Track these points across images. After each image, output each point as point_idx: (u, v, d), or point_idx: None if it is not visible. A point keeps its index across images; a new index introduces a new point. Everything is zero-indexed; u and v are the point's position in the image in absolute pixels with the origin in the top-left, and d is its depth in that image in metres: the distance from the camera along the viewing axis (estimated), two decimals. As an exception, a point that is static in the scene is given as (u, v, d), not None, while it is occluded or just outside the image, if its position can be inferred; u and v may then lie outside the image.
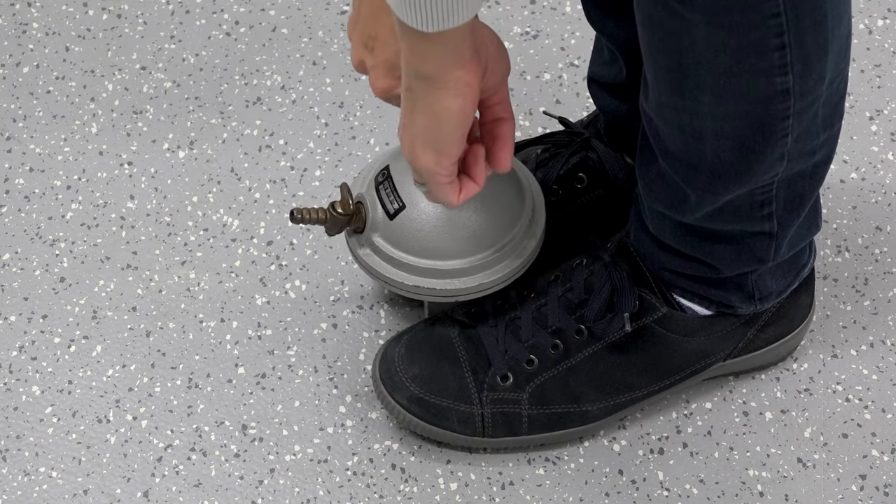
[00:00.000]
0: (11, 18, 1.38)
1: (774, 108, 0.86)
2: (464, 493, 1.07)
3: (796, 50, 0.83)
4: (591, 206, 1.15)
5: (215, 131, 1.29)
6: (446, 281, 1.02)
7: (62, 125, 1.30)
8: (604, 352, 1.05)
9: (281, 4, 1.40)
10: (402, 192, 1.01)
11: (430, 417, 1.05)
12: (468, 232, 1.01)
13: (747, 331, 1.08)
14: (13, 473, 1.08)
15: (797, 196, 0.96)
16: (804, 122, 0.88)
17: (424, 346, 1.07)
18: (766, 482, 1.08)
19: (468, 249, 1.02)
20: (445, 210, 1.00)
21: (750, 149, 0.89)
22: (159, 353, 1.15)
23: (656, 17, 0.84)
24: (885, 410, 1.12)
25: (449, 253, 1.02)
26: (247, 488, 1.07)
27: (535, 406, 1.05)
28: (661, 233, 1.01)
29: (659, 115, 0.92)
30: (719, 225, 0.98)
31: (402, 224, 1.01)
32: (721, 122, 0.88)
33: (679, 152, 0.93)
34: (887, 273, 1.20)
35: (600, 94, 1.13)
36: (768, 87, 0.85)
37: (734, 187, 0.93)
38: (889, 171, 1.27)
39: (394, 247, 1.02)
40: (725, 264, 1.01)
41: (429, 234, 1.01)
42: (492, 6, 1.39)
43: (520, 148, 1.17)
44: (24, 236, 1.22)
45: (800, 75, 0.84)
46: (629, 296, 1.03)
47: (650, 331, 1.05)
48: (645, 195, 1.00)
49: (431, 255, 1.02)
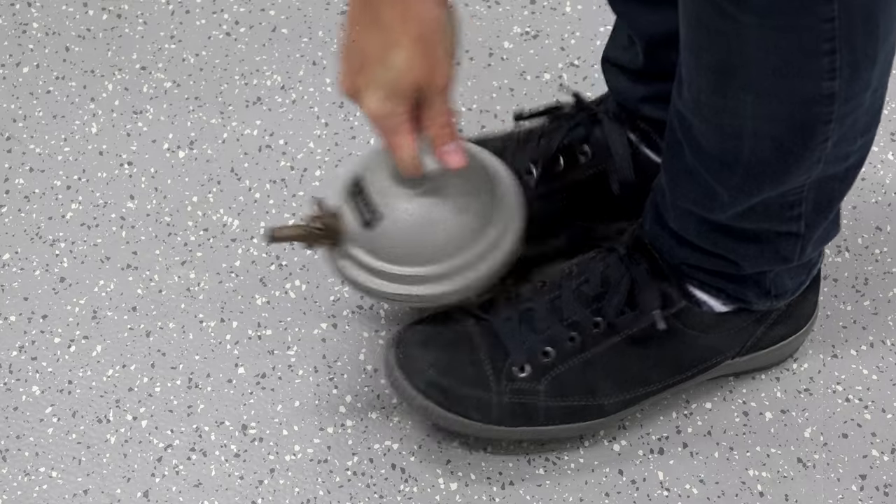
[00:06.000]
0: (11, 18, 1.38)
1: (818, 112, 0.86)
2: (464, 493, 1.07)
3: (846, 55, 0.82)
4: (593, 179, 1.14)
5: (215, 131, 1.29)
6: (427, 286, 1.01)
7: (62, 125, 1.30)
8: (621, 345, 1.05)
9: (281, 4, 1.40)
10: (377, 201, 0.99)
11: (446, 403, 1.04)
12: (445, 236, 1.00)
13: (757, 328, 1.08)
14: (13, 473, 1.08)
15: (827, 198, 0.96)
16: (845, 126, 0.88)
17: (442, 333, 1.06)
18: (766, 482, 1.08)
19: (447, 253, 1.01)
20: (421, 215, 0.99)
21: (789, 150, 0.89)
22: (159, 353, 1.15)
23: (705, 17, 0.83)
24: (885, 410, 1.12)
25: (427, 258, 1.00)
26: (247, 488, 1.07)
27: (552, 398, 1.05)
28: (684, 229, 1.01)
29: (696, 114, 0.91)
30: (747, 224, 0.97)
31: (378, 233, 1.00)
32: (762, 123, 0.87)
33: (714, 151, 0.92)
34: (887, 273, 1.20)
35: (613, 75, 1.13)
36: (814, 90, 0.85)
37: (768, 188, 0.92)
38: (889, 171, 1.27)
39: (372, 256, 1.01)
40: (748, 262, 1.01)
41: (406, 241, 1.00)
42: (492, 6, 1.39)
43: (528, 117, 1.17)
44: (24, 236, 1.22)
45: (847, 80, 0.84)
46: (652, 292, 1.03)
47: (668, 324, 1.04)
48: (671, 191, 1.00)
49: (410, 262, 1.00)
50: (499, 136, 1.17)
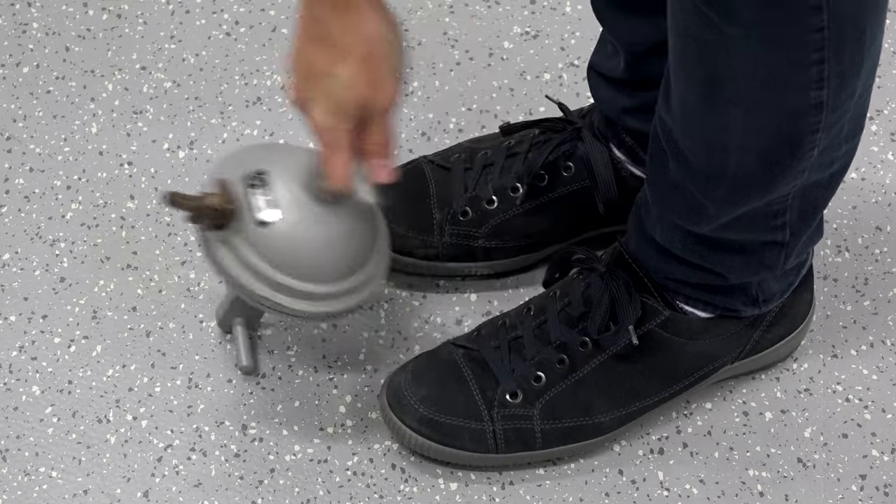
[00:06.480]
0: (11, 18, 1.38)
1: (806, 122, 0.86)
2: (464, 493, 1.07)
3: (834, 65, 0.82)
4: (575, 195, 1.15)
5: (215, 131, 1.29)
6: (295, 300, 0.99)
7: (62, 125, 1.30)
8: (611, 361, 1.05)
9: (281, 4, 1.40)
10: (281, 203, 0.96)
11: (440, 438, 1.05)
12: (332, 260, 0.98)
13: (753, 332, 1.08)
14: (13, 473, 1.08)
15: (811, 206, 0.96)
16: (831, 135, 0.88)
17: (430, 370, 1.07)
18: (766, 482, 1.08)
19: (326, 277, 0.99)
20: (317, 233, 0.97)
21: (776, 161, 0.88)
22: (159, 353, 1.15)
23: (693, 29, 0.83)
24: (885, 410, 1.12)
25: (308, 276, 0.98)
26: (247, 488, 1.07)
27: (547, 421, 1.05)
28: (670, 242, 1.01)
29: (683, 127, 0.91)
30: (732, 234, 0.97)
31: (269, 235, 0.96)
32: (750, 136, 0.87)
33: (699, 164, 0.92)
34: (887, 273, 1.20)
35: (598, 84, 1.13)
36: (802, 102, 0.84)
37: (754, 199, 0.92)
38: (889, 171, 1.27)
39: (255, 255, 0.97)
40: (734, 273, 1.01)
41: (294, 254, 0.97)
42: (492, 6, 1.39)
43: (517, 129, 1.17)
44: (24, 236, 1.22)
45: (835, 90, 0.84)
46: (630, 307, 1.03)
47: (654, 336, 1.04)
48: (656, 205, 1.00)
49: (291, 274, 0.97)
50: (488, 146, 1.17)
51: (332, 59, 0.84)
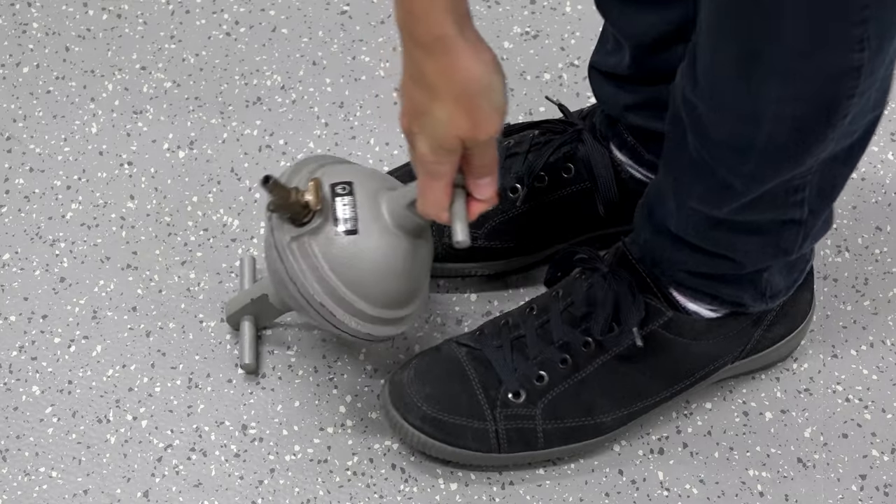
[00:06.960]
0: (11, 18, 1.38)
1: (844, 87, 0.84)
2: (464, 493, 1.07)
3: (876, 25, 0.80)
4: (575, 196, 1.15)
5: (215, 131, 1.29)
6: (346, 314, 0.98)
7: (62, 125, 1.30)
8: (613, 362, 1.05)
9: (281, 4, 1.40)
10: (362, 216, 0.97)
11: (443, 436, 1.05)
12: (396, 288, 0.99)
13: (754, 331, 1.08)
14: (13, 473, 1.08)
15: (830, 184, 0.95)
16: (862, 102, 0.86)
17: (433, 368, 1.07)
18: (766, 482, 1.08)
19: (384, 302, 0.99)
20: (392, 259, 0.98)
21: (810, 130, 0.86)
22: (159, 353, 1.15)
23: None
24: (885, 410, 1.12)
25: (368, 296, 0.98)
26: (247, 488, 1.07)
27: (549, 421, 1.05)
28: (684, 230, 1.00)
29: (712, 102, 0.88)
30: (752, 215, 0.95)
31: (345, 246, 0.97)
32: (785, 105, 0.85)
33: (726, 139, 0.90)
34: (887, 273, 1.20)
35: (599, 82, 1.13)
36: (843, 64, 0.82)
37: (784, 172, 0.90)
38: (889, 171, 1.27)
39: (324, 259, 0.97)
40: (749, 258, 1.00)
41: (364, 272, 0.98)
42: (492, 6, 1.39)
43: (517, 130, 1.17)
44: (24, 236, 1.22)
45: (874, 52, 0.82)
46: (633, 308, 1.03)
47: (657, 336, 1.04)
48: (674, 190, 0.98)
49: (353, 288, 0.98)
50: None
51: (429, 99, 0.85)
